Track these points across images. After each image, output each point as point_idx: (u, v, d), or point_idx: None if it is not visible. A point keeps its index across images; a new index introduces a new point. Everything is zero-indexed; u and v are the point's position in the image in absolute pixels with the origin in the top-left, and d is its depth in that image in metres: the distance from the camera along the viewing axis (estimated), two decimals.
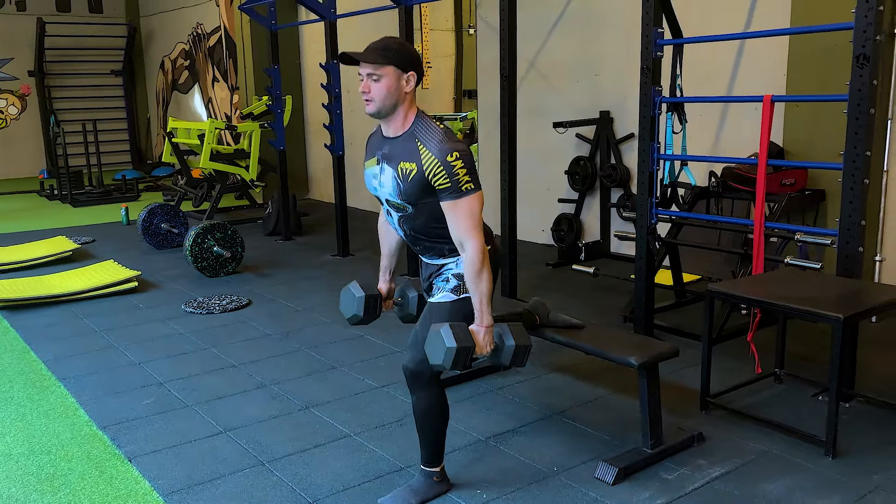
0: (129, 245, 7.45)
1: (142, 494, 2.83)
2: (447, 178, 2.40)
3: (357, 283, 2.86)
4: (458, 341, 2.39)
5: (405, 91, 2.47)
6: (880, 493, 2.71)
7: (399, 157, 2.50)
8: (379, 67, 2.43)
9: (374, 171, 2.62)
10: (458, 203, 2.43)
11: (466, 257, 2.47)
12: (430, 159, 2.41)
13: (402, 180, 2.49)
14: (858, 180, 3.29)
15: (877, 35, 3.19)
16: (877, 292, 3.25)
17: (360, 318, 2.86)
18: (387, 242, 2.92)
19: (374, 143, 2.66)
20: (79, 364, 4.19)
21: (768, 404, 3.46)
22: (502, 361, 2.57)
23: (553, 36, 6.64)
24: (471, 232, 2.44)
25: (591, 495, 2.74)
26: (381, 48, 2.44)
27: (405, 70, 2.46)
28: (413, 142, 2.47)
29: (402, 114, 2.51)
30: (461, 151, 2.42)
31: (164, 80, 14.23)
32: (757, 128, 5.15)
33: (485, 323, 2.50)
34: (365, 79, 2.46)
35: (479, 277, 2.46)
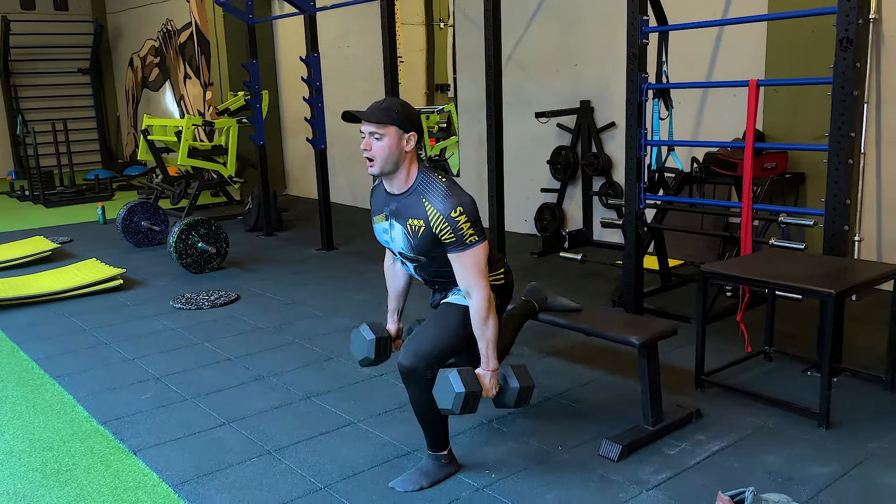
0: (109, 244, 7.37)
1: (151, 486, 2.83)
2: (452, 233, 2.52)
3: (367, 326, 2.96)
4: (466, 386, 2.50)
5: (406, 150, 2.57)
6: (875, 460, 2.80)
7: (407, 215, 2.60)
8: (381, 127, 2.52)
9: (384, 226, 2.72)
10: (463, 255, 2.54)
11: (473, 305, 2.58)
12: (436, 215, 2.52)
13: (412, 236, 2.61)
14: (843, 161, 3.39)
15: (859, 19, 3.28)
16: (863, 269, 3.35)
17: (371, 360, 2.96)
18: (394, 285, 3.03)
19: (379, 200, 2.75)
20: (71, 362, 4.16)
21: (760, 381, 3.56)
22: (507, 402, 2.70)
23: (532, 27, 6.70)
24: (477, 281, 2.55)
25: (597, 472, 2.80)
26: (384, 108, 2.54)
27: (406, 130, 2.55)
28: (418, 198, 2.57)
29: (404, 171, 2.60)
30: (465, 205, 2.53)
31: (133, 78, 14.05)
32: (736, 113, 5.30)
33: (490, 367, 2.61)
34: (367, 137, 2.55)
35: (485, 325, 2.57)
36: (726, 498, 2.42)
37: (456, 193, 2.55)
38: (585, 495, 2.65)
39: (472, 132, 7.52)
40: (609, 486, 2.70)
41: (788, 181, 4.84)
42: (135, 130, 14.27)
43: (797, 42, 4.72)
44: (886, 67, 4.64)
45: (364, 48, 8.64)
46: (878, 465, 2.77)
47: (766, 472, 2.76)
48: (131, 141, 14.48)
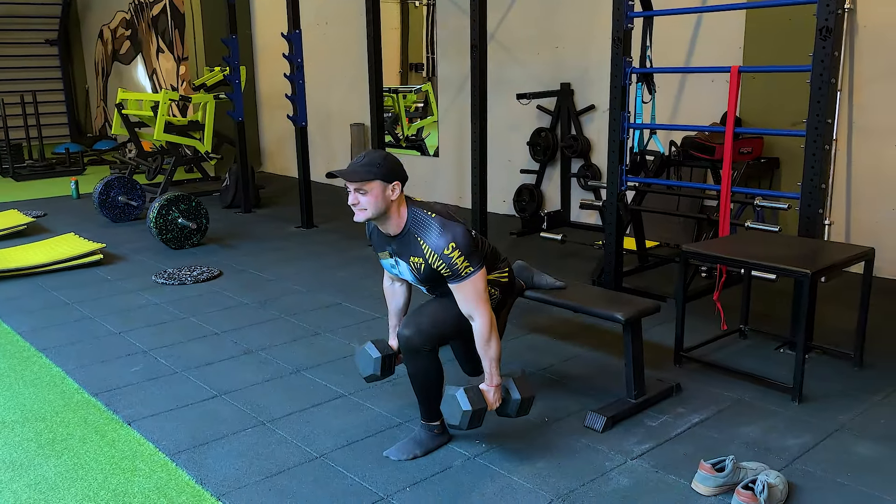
0: (84, 218, 7.31)
1: (147, 455, 2.87)
2: (448, 268, 2.63)
3: (372, 345, 3.05)
4: (473, 404, 2.63)
5: (392, 199, 2.65)
6: (845, 432, 2.95)
7: (408, 253, 2.72)
8: (365, 184, 2.60)
9: (391, 262, 2.85)
10: (461, 285, 2.66)
11: (476, 328, 2.68)
12: (431, 253, 2.64)
13: (416, 272, 2.74)
14: (820, 146, 3.51)
15: (839, 9, 3.40)
16: (836, 251, 3.49)
17: (377, 376, 3.05)
18: (394, 304, 3.13)
19: (380, 240, 2.85)
20: (57, 335, 4.16)
21: (736, 357, 3.70)
22: (509, 413, 2.80)
23: (514, 8, 6.75)
24: (478, 307, 2.67)
25: (582, 442, 2.91)
26: (365, 165, 2.63)
27: (390, 181, 2.63)
28: (414, 238, 2.68)
29: (394, 216, 2.69)
30: (457, 240, 2.62)
31: (103, 51, 13.80)
32: (713, 98, 5.43)
33: (494, 383, 2.73)
34: (353, 192, 2.64)
35: (488, 345, 2.68)
36: (708, 465, 2.55)
37: (448, 228, 2.64)
38: (573, 464, 2.75)
39: (452, 112, 7.57)
40: (595, 455, 2.82)
41: (763, 166, 4.98)
42: (104, 104, 14.05)
43: (775, 29, 4.84)
44: (859, 56, 4.78)
45: (343, 25, 8.62)
46: (849, 436, 2.92)
47: (744, 443, 2.89)
48: (101, 115, 14.26)
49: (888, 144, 4.80)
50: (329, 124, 9.07)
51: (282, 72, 8.66)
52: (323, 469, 2.75)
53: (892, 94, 4.72)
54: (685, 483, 2.60)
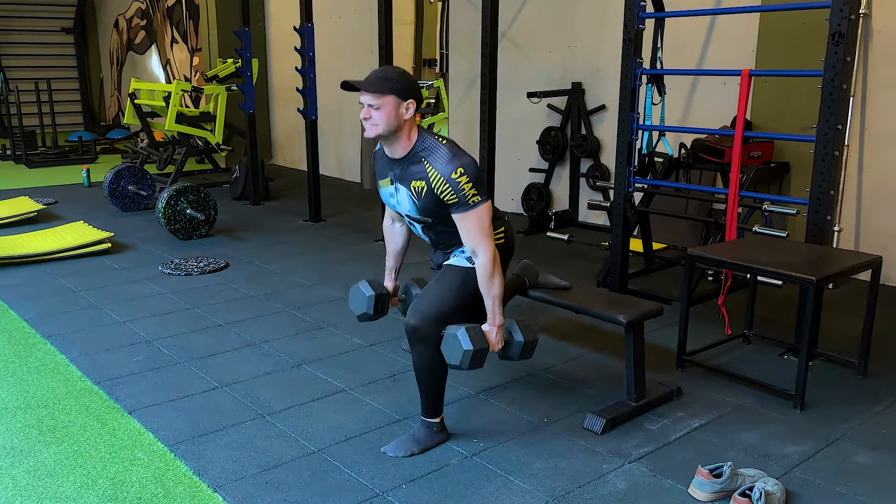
0: (94, 207, 7.35)
1: (146, 445, 2.89)
2: (454, 194, 2.57)
3: (367, 283, 3.03)
4: (474, 343, 2.58)
5: (405, 118, 2.60)
6: (846, 441, 2.93)
7: (410, 178, 2.65)
8: (379, 97, 2.55)
9: (390, 190, 2.77)
10: (466, 215, 2.60)
11: (479, 263, 2.64)
12: (437, 177, 2.57)
13: (417, 198, 2.66)
14: (830, 152, 3.49)
15: (851, 14, 3.37)
16: (843, 258, 3.46)
17: (370, 315, 3.03)
18: (392, 244, 3.09)
19: (382, 164, 2.79)
20: (62, 322, 4.18)
21: (739, 362, 3.68)
22: (511, 356, 2.77)
23: (527, 6, 6.73)
24: (482, 240, 2.61)
25: (581, 444, 2.90)
26: (381, 78, 2.57)
27: (404, 98, 2.58)
28: (420, 162, 2.62)
29: (404, 137, 2.64)
30: (465, 166, 2.57)
31: (118, 40, 13.87)
32: (724, 101, 5.40)
33: (497, 322, 2.69)
34: (366, 106, 2.58)
35: (491, 282, 2.64)
36: (705, 471, 2.54)
37: (457, 155, 2.60)
38: (570, 465, 2.75)
39: (463, 108, 7.56)
40: (593, 457, 2.81)
41: (773, 170, 4.95)
42: (118, 93, 14.12)
43: (788, 32, 4.81)
44: (873, 62, 4.74)
45: (356, 19, 8.61)
46: (850, 445, 2.90)
47: (743, 449, 2.87)
48: (114, 104, 14.33)
49: None
50: (340, 119, 9.07)
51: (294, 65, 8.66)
52: (320, 463, 2.75)
53: None
54: (682, 488, 2.59)
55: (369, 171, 8.63)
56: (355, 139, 8.90)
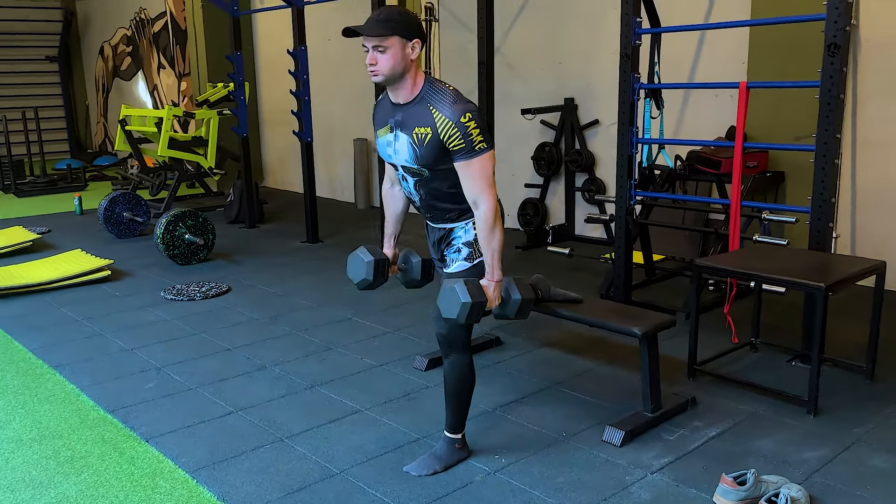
0: (89, 235, 7.32)
1: (167, 472, 2.87)
2: (461, 138, 2.49)
3: (365, 248, 2.95)
4: (472, 296, 2.54)
5: (411, 59, 2.54)
6: (862, 445, 2.97)
7: (413, 123, 2.57)
8: (384, 39, 2.48)
9: (388, 138, 2.68)
10: (471, 162, 2.52)
11: (480, 214, 2.57)
12: (444, 121, 2.49)
13: (418, 146, 2.57)
14: (830, 161, 3.55)
15: (846, 25, 3.45)
16: (848, 264, 3.52)
17: (370, 282, 2.94)
18: (392, 209, 3.01)
19: (383, 112, 2.71)
20: (69, 351, 4.16)
21: (748, 370, 3.72)
22: (507, 314, 2.73)
23: (518, 24, 6.81)
24: (485, 190, 2.55)
25: (601, 456, 2.92)
26: (384, 20, 2.49)
27: (409, 38, 2.52)
28: (425, 106, 2.54)
29: (410, 81, 2.57)
30: (473, 112, 2.51)
31: (103, 67, 13.85)
32: (717, 113, 5.49)
33: (495, 278, 2.64)
34: (370, 51, 2.52)
35: (491, 234, 2.58)
36: (729, 479, 2.56)
37: (463, 100, 2.54)
38: (594, 478, 2.76)
39: None
40: (615, 469, 2.83)
41: (768, 179, 5.02)
42: (105, 120, 14.08)
43: (779, 45, 4.89)
44: (862, 71, 4.84)
45: (345, 41, 8.65)
46: (866, 449, 2.94)
47: (762, 456, 2.91)
48: (101, 130, 14.29)
49: (892, 158, 4.85)
50: (331, 140, 9.10)
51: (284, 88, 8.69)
52: (344, 485, 2.75)
53: (894, 109, 4.77)
54: (707, 497, 2.62)
55: (363, 191, 8.65)
56: (348, 160, 8.93)
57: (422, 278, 3.06)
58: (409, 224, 3.11)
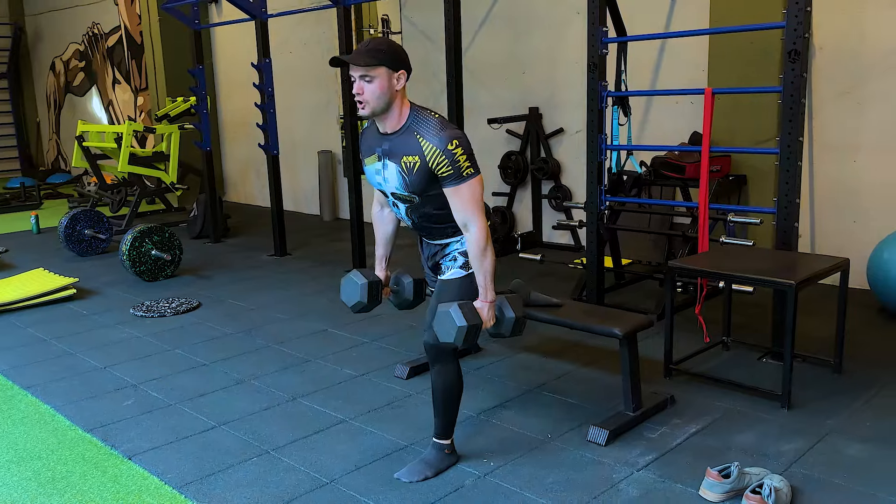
0: (48, 253, 7.17)
1: (154, 489, 2.84)
2: (449, 165, 2.55)
3: (358, 272, 2.99)
4: (468, 320, 2.58)
5: (396, 89, 2.59)
6: (835, 435, 3.08)
7: (401, 153, 2.62)
8: (371, 69, 2.54)
9: (377, 166, 2.73)
10: (460, 188, 2.58)
11: (471, 237, 2.62)
12: (432, 150, 2.55)
13: (406, 174, 2.63)
14: (794, 163, 3.68)
15: (805, 33, 3.58)
16: (814, 262, 3.64)
17: (364, 304, 2.98)
18: (381, 232, 3.06)
19: (370, 140, 2.76)
20: (40, 372, 4.07)
21: (722, 368, 3.81)
22: (503, 332, 2.76)
23: (480, 35, 6.89)
24: (474, 213, 2.60)
25: (588, 456, 2.97)
26: (371, 49, 2.55)
27: (396, 69, 2.58)
28: (412, 135, 2.60)
29: (396, 110, 2.62)
30: (459, 138, 2.57)
31: (55, 83, 13.58)
32: (677, 120, 5.64)
33: (489, 298, 2.68)
34: (357, 80, 2.57)
35: (483, 256, 2.63)
36: (714, 472, 2.63)
37: (450, 127, 2.59)
38: (582, 477, 2.81)
39: None
40: (602, 468, 2.88)
41: (731, 183, 5.16)
42: (57, 137, 13.80)
43: (737, 51, 5.05)
44: (816, 77, 5.02)
45: (306, 54, 8.66)
46: (839, 439, 3.04)
47: (742, 450, 2.99)
48: (53, 148, 13.99)
49: (847, 160, 5.03)
50: (294, 152, 9.07)
51: (243, 101, 8.68)
52: (335, 494, 2.75)
53: (848, 113, 4.96)
54: (693, 491, 2.68)
55: (328, 203, 8.63)
56: (311, 172, 8.90)
57: (414, 298, 3.10)
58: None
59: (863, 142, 4.96)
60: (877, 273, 4.48)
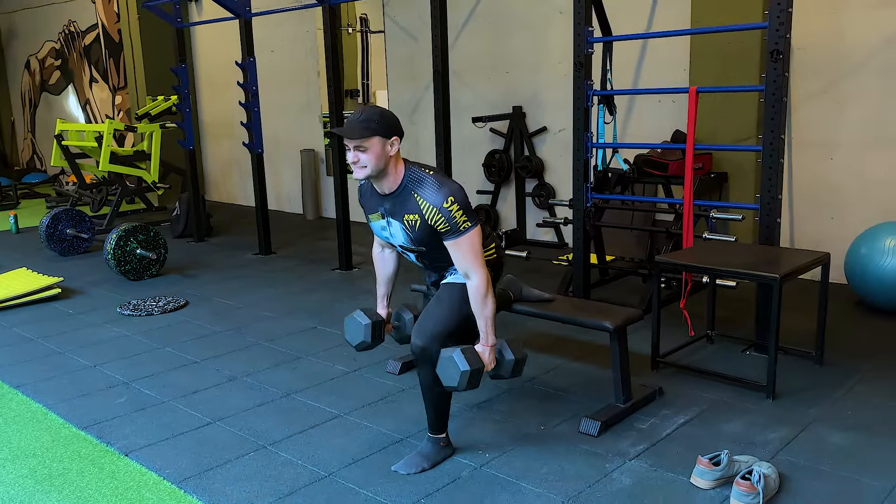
0: (29, 253, 7.11)
1: (152, 484, 2.86)
2: (447, 222, 2.68)
3: (361, 312, 3.10)
4: (471, 364, 2.69)
5: (391, 154, 2.71)
6: (819, 424, 3.17)
7: (402, 212, 2.76)
8: (365, 140, 2.65)
9: (382, 223, 2.87)
10: (459, 241, 2.71)
11: (472, 285, 2.74)
12: (429, 208, 2.69)
13: (410, 231, 2.77)
14: (776, 160, 3.77)
15: (787, 33, 3.68)
16: (796, 256, 3.73)
17: (368, 343, 3.09)
18: (383, 272, 3.18)
19: (372, 200, 2.88)
20: (29, 371, 4.06)
21: (707, 361, 3.90)
22: (502, 374, 2.88)
23: (463, 35, 6.94)
24: (474, 264, 2.73)
25: (581, 447, 3.04)
26: (364, 121, 2.66)
27: (389, 137, 2.69)
28: (410, 195, 2.73)
29: (392, 173, 2.75)
30: (455, 194, 2.70)
31: (30, 81, 13.42)
32: (659, 119, 5.73)
33: (489, 342, 2.80)
34: (353, 150, 2.68)
35: (484, 303, 2.75)
36: (705, 460, 2.71)
37: (445, 184, 2.71)
38: (575, 467, 2.87)
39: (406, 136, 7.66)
40: (595, 458, 2.94)
41: (713, 180, 5.26)
42: (33, 136, 13.64)
43: (718, 51, 5.15)
44: (794, 77, 5.13)
45: (288, 53, 8.66)
46: (823, 428, 3.14)
47: (730, 439, 3.07)
48: (28, 147, 13.82)
49: (824, 158, 5.15)
50: (276, 151, 9.06)
51: (224, 100, 8.67)
52: (334, 487, 2.79)
53: (825, 112, 5.08)
54: (684, 479, 2.75)
55: (311, 201, 8.64)
56: (294, 171, 8.90)
57: None
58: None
59: (839, 140, 5.08)
60: (854, 268, 4.60)
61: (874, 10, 4.82)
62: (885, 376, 3.63)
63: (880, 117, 4.91)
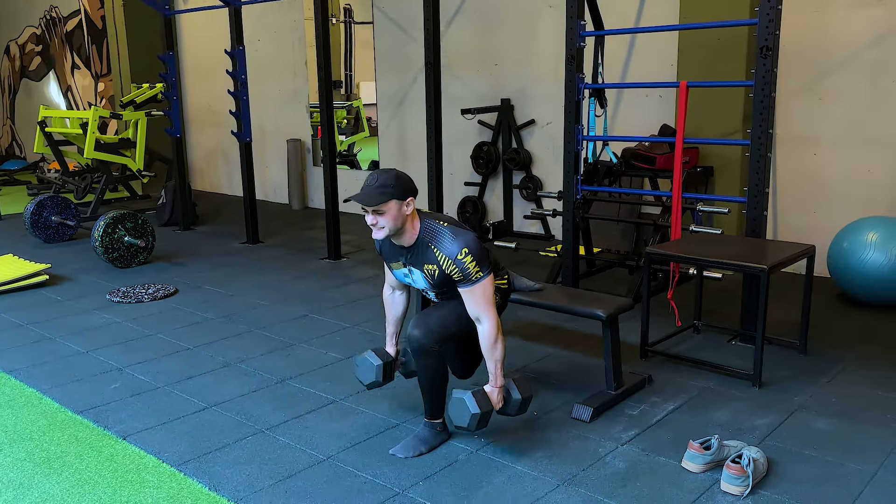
0: (13, 240, 7.05)
1: (151, 467, 2.88)
2: (460, 272, 2.78)
3: (372, 352, 3.17)
4: (481, 407, 2.78)
5: (407, 214, 2.80)
6: (803, 411, 3.26)
7: (422, 262, 2.87)
8: (382, 206, 2.74)
9: (404, 271, 2.97)
10: (473, 289, 2.81)
11: (483, 330, 2.83)
12: (445, 259, 2.79)
13: (430, 279, 2.88)
14: (764, 154, 3.86)
15: (776, 30, 3.75)
16: (782, 249, 3.82)
17: (379, 382, 3.17)
18: (392, 312, 3.25)
19: (392, 250, 2.97)
20: (20, 357, 4.05)
21: (694, 350, 3.99)
22: (509, 412, 2.95)
23: (453, 27, 6.97)
24: (486, 310, 2.82)
25: (573, 432, 3.10)
26: (380, 186, 2.75)
27: (404, 198, 2.77)
28: (428, 247, 2.83)
29: (409, 229, 2.84)
30: (469, 244, 2.79)
31: (10, 67, 13.25)
32: (647, 113, 5.81)
33: (498, 384, 2.88)
34: (371, 214, 2.77)
35: (494, 347, 2.83)
36: (696, 445, 2.78)
37: (459, 235, 2.81)
38: (569, 452, 2.94)
39: (392, 127, 7.71)
40: (588, 443, 3.01)
41: (700, 174, 5.35)
42: (12, 122, 13.47)
43: (704, 47, 5.22)
44: (780, 73, 5.22)
45: (276, 43, 8.64)
46: (808, 415, 3.23)
47: (718, 425, 3.15)
48: (7, 133, 13.66)
49: (807, 153, 5.26)
50: (263, 140, 9.04)
51: (209, 88, 8.64)
52: (333, 469, 2.83)
53: (809, 108, 5.19)
54: (675, 463, 2.83)
55: (297, 191, 8.63)
56: (280, 161, 8.89)
57: None
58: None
59: (822, 136, 5.19)
60: (837, 261, 4.70)
61: (857, 9, 4.93)
62: (867, 366, 3.74)
63: (862, 114, 5.02)
